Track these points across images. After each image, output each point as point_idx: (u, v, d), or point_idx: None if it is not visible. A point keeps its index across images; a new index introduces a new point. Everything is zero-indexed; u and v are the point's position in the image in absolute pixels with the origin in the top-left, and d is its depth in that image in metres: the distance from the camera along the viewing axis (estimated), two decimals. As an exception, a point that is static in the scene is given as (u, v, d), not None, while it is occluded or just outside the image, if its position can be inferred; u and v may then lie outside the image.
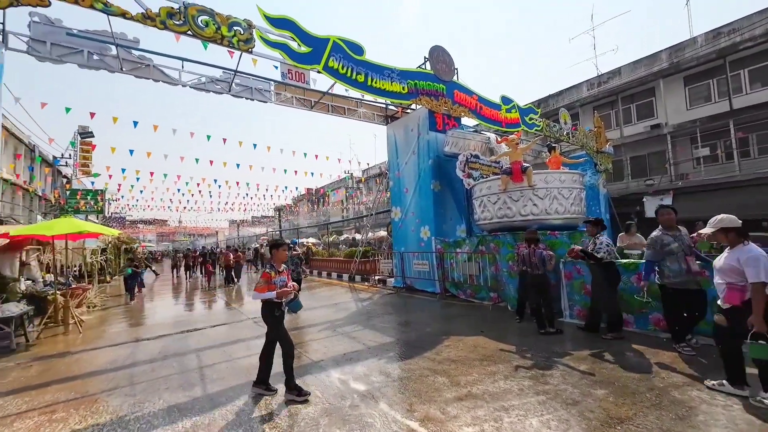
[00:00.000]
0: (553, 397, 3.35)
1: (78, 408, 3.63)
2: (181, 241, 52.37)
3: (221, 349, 5.48)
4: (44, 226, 7.35)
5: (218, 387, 4.02)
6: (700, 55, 14.94)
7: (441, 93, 10.29)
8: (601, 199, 13.72)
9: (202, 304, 10.03)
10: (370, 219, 15.83)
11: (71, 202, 17.19)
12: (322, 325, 6.77)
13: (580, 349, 4.64)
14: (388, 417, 3.16)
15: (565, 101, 19.46)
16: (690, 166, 15.65)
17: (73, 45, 6.57)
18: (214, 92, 7.99)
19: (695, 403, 3.11)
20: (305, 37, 7.28)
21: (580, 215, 7.60)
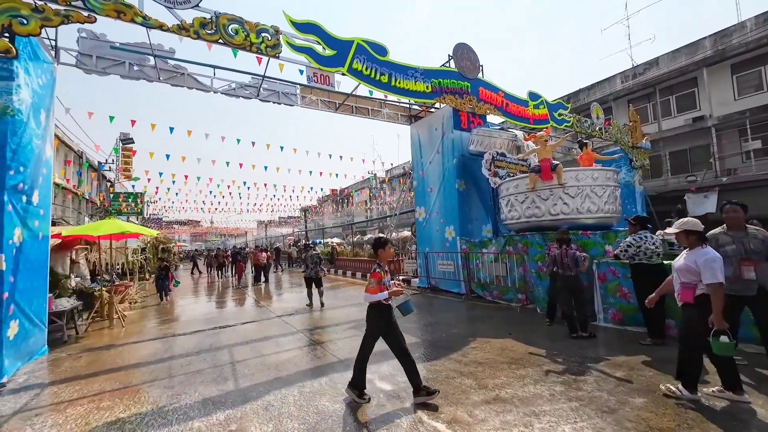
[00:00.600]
0: (587, 404, 3.21)
1: (122, 397, 3.87)
2: (212, 241, 54.68)
3: (251, 346, 5.67)
4: (91, 227, 7.89)
5: (249, 382, 4.16)
6: (750, 41, 13.84)
7: (466, 91, 10.14)
8: (637, 197, 13.02)
9: (233, 302, 10.42)
10: (393, 219, 15.84)
11: (114, 205, 18.38)
12: (347, 324, 6.85)
13: (616, 355, 4.43)
14: (415, 417, 3.15)
15: (597, 95, 18.62)
16: (738, 160, 14.53)
17: (115, 57, 7.02)
18: (244, 97, 8.29)
19: (746, 416, 2.88)
20: (330, 40, 7.40)
21: (615, 214, 7.24)
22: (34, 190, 5.28)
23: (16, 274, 4.73)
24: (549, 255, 5.79)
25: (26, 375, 4.67)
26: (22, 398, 3.97)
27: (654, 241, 5.04)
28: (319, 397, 3.66)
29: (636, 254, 5.06)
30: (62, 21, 4.90)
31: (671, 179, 16.16)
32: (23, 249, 4.95)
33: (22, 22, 4.62)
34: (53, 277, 6.64)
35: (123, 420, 3.36)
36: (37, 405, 3.79)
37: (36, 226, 5.40)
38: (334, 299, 10.05)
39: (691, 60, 15.46)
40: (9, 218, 4.62)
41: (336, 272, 18.01)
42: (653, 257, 4.98)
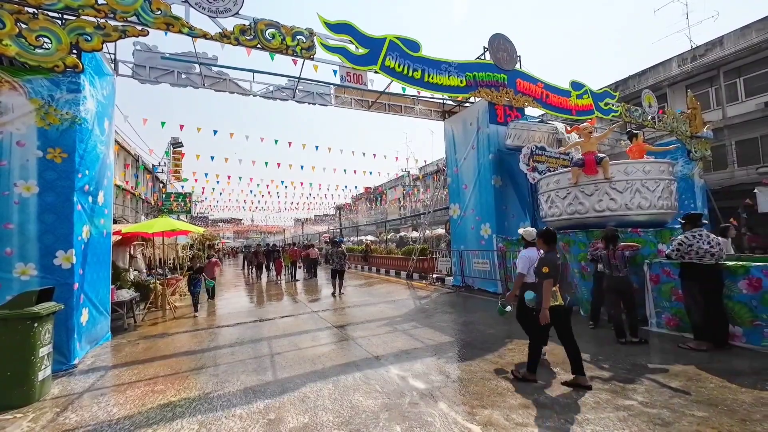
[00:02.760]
0: (636, 415, 2.99)
1: (173, 382, 4.18)
2: (253, 238, 57.45)
3: (289, 339, 5.88)
4: (146, 225, 8.58)
5: (287, 374, 4.32)
6: (838, 11, 12.04)
7: (502, 83, 9.77)
8: (696, 192, 11.91)
9: (271, 297, 10.87)
10: (427, 216, 15.69)
11: (166, 204, 19.85)
12: (381, 321, 6.89)
13: (670, 363, 4.07)
14: (448, 418, 3.10)
15: (649, 81, 17.17)
16: (822, 148, 12.76)
17: (165, 67, 7.56)
18: (281, 99, 8.59)
19: (833, 439, 2.53)
20: (362, 39, 7.44)
21: (671, 210, 6.64)
22: (99, 191, 5.83)
23: (84, 267, 5.26)
24: (592, 254, 5.45)
25: (93, 358, 5.19)
26: (90, 378, 4.41)
27: (709, 240, 4.57)
28: (353, 391, 3.72)
29: (687, 253, 4.62)
30: (120, 36, 5.34)
31: (738, 171, 14.52)
32: (90, 244, 5.49)
33: (87, 38, 5.10)
34: (115, 271, 7.30)
35: (174, 403, 3.62)
36: (103, 385, 4.19)
37: (101, 224, 5.96)
38: (368, 296, 10.17)
39: (764, 37, 13.76)
40: (79, 217, 5.14)
41: (370, 269, 18.20)
42: (706, 257, 4.51)
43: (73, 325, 4.87)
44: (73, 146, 5.08)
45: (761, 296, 4.33)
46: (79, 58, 5.08)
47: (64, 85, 5.10)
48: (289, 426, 3.08)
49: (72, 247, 4.92)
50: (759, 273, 4.36)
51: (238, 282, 15.44)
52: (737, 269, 4.55)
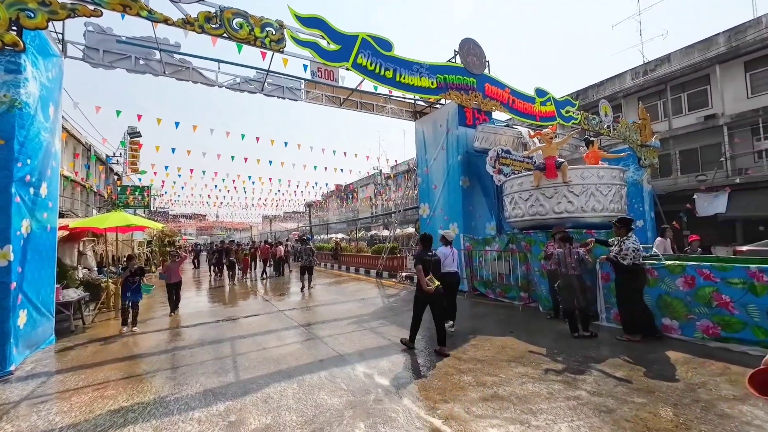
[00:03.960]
0: (585, 403, 3.20)
1: (126, 387, 3.94)
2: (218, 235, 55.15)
3: (253, 339, 5.73)
4: (98, 219, 8.00)
5: (250, 374, 4.21)
6: (765, 37, 13.50)
7: (471, 87, 10.04)
8: (645, 196, 12.86)
9: (236, 297, 10.51)
10: (398, 215, 15.83)
11: (121, 198, 18.60)
12: (349, 319, 6.88)
13: (616, 355, 4.40)
14: (412, 413, 3.17)
15: (606, 92, 18.34)
16: (750, 159, 14.24)
17: (122, 51, 7.06)
18: (248, 92, 8.30)
19: (747, 418, 2.85)
20: (334, 35, 7.36)
21: (621, 213, 7.15)
22: (42, 183, 5.36)
23: (24, 265, 4.82)
24: (546, 252, 5.75)
25: (33, 363, 4.78)
26: (29, 386, 4.06)
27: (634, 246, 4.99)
28: (318, 390, 3.70)
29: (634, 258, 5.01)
30: (69, 14, 4.93)
31: (681, 178, 15.89)
32: (31, 240, 5.04)
33: (30, 15, 4.66)
34: (61, 268, 6.75)
35: (126, 408, 3.42)
36: (44, 393, 3.88)
37: (44, 218, 5.48)
38: (337, 294, 10.11)
39: (704, 57, 15.13)
40: (17, 210, 4.70)
41: (340, 268, 18.09)
42: (638, 258, 4.95)
43: (8, 328, 4.46)
44: (12, 132, 4.63)
45: (695, 292, 4.78)
46: (19, 35, 4.64)
47: (2, 64, 4.65)
48: (251, 427, 3.02)
49: (9, 243, 4.50)
50: (693, 272, 4.81)
51: (200, 281, 14.78)
52: (675, 268, 4.99)
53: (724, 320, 4.51)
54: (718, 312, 4.57)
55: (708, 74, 15.27)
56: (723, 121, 14.57)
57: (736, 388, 3.36)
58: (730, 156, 14.46)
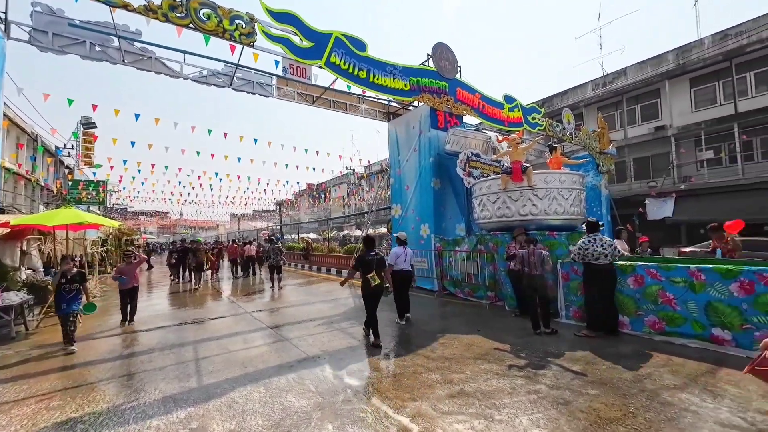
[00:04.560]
0: (544, 396, 3.37)
1: (75, 396, 3.68)
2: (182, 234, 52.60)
3: (218, 342, 5.53)
4: (45, 216, 7.39)
5: (214, 379, 4.06)
6: (707, 57, 14.82)
7: (443, 90, 10.25)
8: (602, 201, 13.68)
9: (201, 299, 10.09)
10: (370, 216, 15.84)
11: (73, 193, 17.28)
12: (319, 320, 6.81)
13: (574, 350, 4.66)
14: (380, 412, 3.19)
15: (569, 101, 19.36)
16: (694, 168, 15.57)
17: (75, 36, 6.57)
18: (216, 86, 8.00)
19: (685, 405, 3.12)
20: (307, 32, 7.26)
21: (580, 216, 7.58)
22: (-22, 175, 4.88)
23: (-45, 266, 4.37)
24: (508, 253, 6.00)
25: (-34, 374, 4.34)
26: (-40, 399, 3.68)
27: (602, 244, 5.31)
28: (286, 393, 3.63)
29: (585, 255, 5.35)
30: (13, -7, 4.53)
31: (634, 184, 17.10)
32: (-35, 238, 4.57)
33: (-34, -9, 4.24)
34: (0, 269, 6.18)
35: (75, 420, 3.19)
36: (-22, 406, 3.53)
37: (-20, 213, 4.99)
38: (307, 295, 9.97)
39: (655, 72, 16.37)
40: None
41: (311, 268, 17.83)
42: (600, 258, 5.26)
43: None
44: (-57, 119, 4.19)
45: (643, 290, 5.16)
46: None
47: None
48: (214, 434, 2.91)
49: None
50: (642, 271, 5.20)
51: (162, 282, 14.03)
52: (626, 268, 5.36)
53: (668, 316, 4.91)
54: (663, 308, 4.96)
55: (659, 88, 16.54)
56: (671, 132, 15.83)
57: (676, 378, 3.67)
58: (677, 165, 15.74)
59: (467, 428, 2.89)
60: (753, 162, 13.99)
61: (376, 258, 5.30)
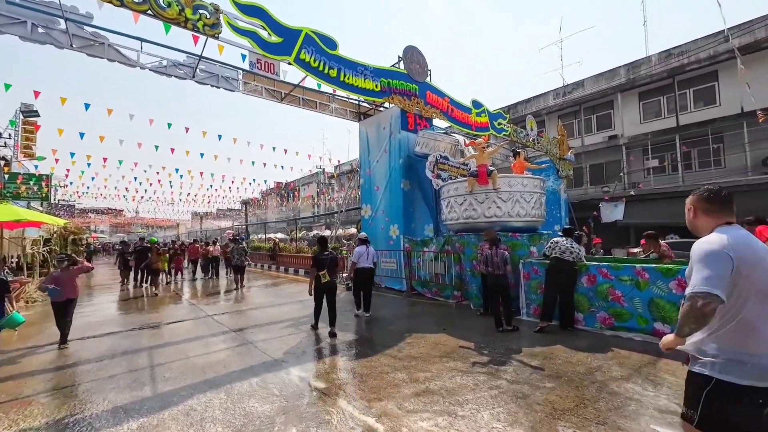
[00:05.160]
0: (505, 391, 3.51)
1: (9, 411, 3.34)
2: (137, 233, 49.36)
3: (175, 347, 5.25)
4: (-24, 213, 6.67)
5: (170, 386, 3.85)
6: (653, 73, 16.12)
7: (413, 93, 10.39)
8: (562, 204, 14.45)
9: (158, 302, 9.53)
10: (340, 216, 15.72)
11: (10, 187, 15.70)
12: (285, 322, 6.65)
13: (534, 346, 4.89)
14: (346, 413, 3.17)
15: (532, 108, 20.30)
16: (641, 175, 16.87)
17: (13, 15, 5.97)
18: (177, 77, 7.58)
19: (629, 394, 3.37)
20: (276, 27, 7.08)
21: (540, 218, 7.98)
22: None
23: None
24: (481, 254, 6.20)
25: None
26: None
27: (572, 244, 5.66)
28: (248, 398, 3.52)
29: (554, 249, 5.74)
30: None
31: (590, 189, 18.24)
32: None
33: None
34: None
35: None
36: None
37: None
38: (273, 296, 9.72)
39: (609, 85, 17.56)
40: None
41: (278, 269, 17.38)
42: (566, 253, 5.63)
43: None
44: None
45: (596, 289, 5.52)
46: None
47: None
48: (168, 444, 2.76)
49: None
50: (595, 270, 5.56)
51: (112, 284, 13.07)
52: (581, 267, 5.71)
53: (617, 312, 5.28)
54: (612, 305, 5.33)
55: (612, 100, 17.76)
56: (622, 142, 17.04)
57: (623, 369, 3.96)
58: (627, 172, 16.97)
59: (431, 425, 2.95)
60: (691, 171, 15.39)
61: (330, 257, 5.68)
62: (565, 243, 5.69)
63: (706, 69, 14.90)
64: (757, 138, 13.44)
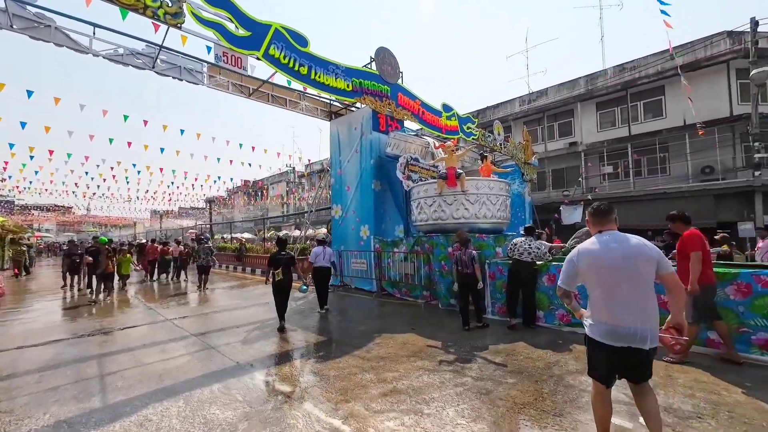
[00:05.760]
0: (469, 388, 3.60)
1: (-72, 431, 2.99)
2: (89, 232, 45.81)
3: (129, 354, 4.93)
4: None
5: (122, 396, 3.61)
6: (609, 86, 17.25)
7: (385, 94, 10.44)
8: (526, 207, 15.09)
9: (111, 306, 8.90)
10: (310, 215, 15.47)
11: (-64, 181, 14.05)
12: (251, 325, 6.45)
13: (498, 343, 5.06)
14: (312, 417, 3.13)
15: (500, 114, 21.06)
16: (598, 180, 17.99)
17: (-58, -12, 5.37)
18: (135, 66, 7.13)
19: (584, 386, 3.58)
20: (244, 20, 6.85)
21: (505, 220, 8.28)
22: None
23: None
24: (452, 255, 6.34)
25: None
26: None
27: (530, 245, 5.91)
28: (209, 405, 3.37)
29: (514, 251, 6.01)
30: None
31: (552, 192, 19.19)
32: None
33: None
34: None
35: (-74, 461, 2.59)
36: None
37: None
38: (239, 299, 9.39)
39: (570, 94, 18.58)
40: None
41: (244, 270, 16.81)
42: (524, 255, 5.89)
43: None
44: None
45: (555, 287, 5.80)
46: None
47: None
48: (119, 458, 2.58)
49: None
50: (554, 270, 5.85)
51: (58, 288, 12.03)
52: (542, 267, 5.99)
53: (574, 309, 5.59)
54: (570, 302, 5.63)
55: (572, 109, 18.80)
56: (581, 148, 18.09)
57: (578, 363, 4.18)
58: (585, 177, 18.03)
59: (398, 425, 2.97)
60: (641, 177, 16.62)
61: (285, 257, 6.15)
62: (524, 244, 5.93)
63: (654, 84, 16.17)
64: (697, 148, 14.77)
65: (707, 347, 4.36)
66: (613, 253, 2.29)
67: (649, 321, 2.22)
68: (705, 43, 14.70)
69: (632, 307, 2.23)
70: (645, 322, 2.21)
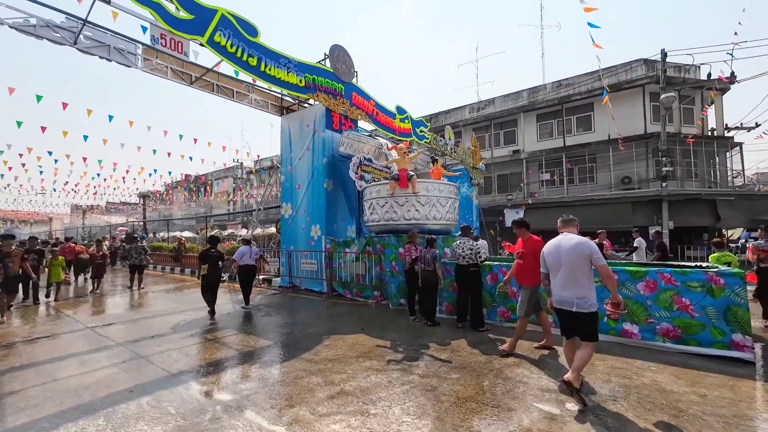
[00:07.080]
0: (416, 386, 3.68)
1: None
2: (-9, 229, 39.30)
3: (38, 369, 4.31)
4: None
5: (26, 418, 3.14)
6: (548, 99, 18.78)
7: (339, 93, 10.32)
8: (473, 209, 15.85)
9: (17, 315, 7.72)
10: (258, 214, 14.80)
11: None
12: (188, 331, 5.98)
13: (444, 341, 5.24)
14: (253, 425, 2.98)
15: (451, 119, 21.91)
16: (537, 186, 19.49)
17: None
18: (51, 41, 6.23)
19: (519, 378, 3.84)
20: (186, 1, 6.34)
21: (454, 222, 8.62)
22: None
23: None
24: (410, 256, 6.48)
25: None
26: None
27: (464, 247, 6.06)
28: (135, 421, 3.06)
29: (455, 256, 6.19)
30: None
31: (497, 196, 20.39)
32: None
33: None
34: None
35: None
36: None
37: None
38: (176, 302, 8.66)
39: (514, 105, 19.91)
40: None
41: (183, 272, 15.57)
42: (459, 259, 6.05)
43: None
44: None
45: (496, 286, 6.15)
46: None
47: None
48: (17, 491, 2.24)
49: None
50: (497, 270, 6.21)
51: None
52: (485, 267, 6.32)
53: (512, 306, 5.96)
54: (509, 300, 6.00)
55: (516, 119, 20.16)
56: (523, 156, 19.46)
57: (515, 357, 4.48)
58: (527, 183, 19.42)
59: (344, 427, 2.94)
60: (574, 185, 18.32)
61: (214, 254, 6.87)
62: (462, 247, 5.98)
63: (585, 100, 17.92)
64: (619, 160, 16.64)
65: (622, 337, 4.91)
66: (559, 248, 3.45)
67: (576, 294, 3.28)
68: (626, 68, 16.63)
69: (565, 284, 3.37)
70: (572, 295, 3.31)
